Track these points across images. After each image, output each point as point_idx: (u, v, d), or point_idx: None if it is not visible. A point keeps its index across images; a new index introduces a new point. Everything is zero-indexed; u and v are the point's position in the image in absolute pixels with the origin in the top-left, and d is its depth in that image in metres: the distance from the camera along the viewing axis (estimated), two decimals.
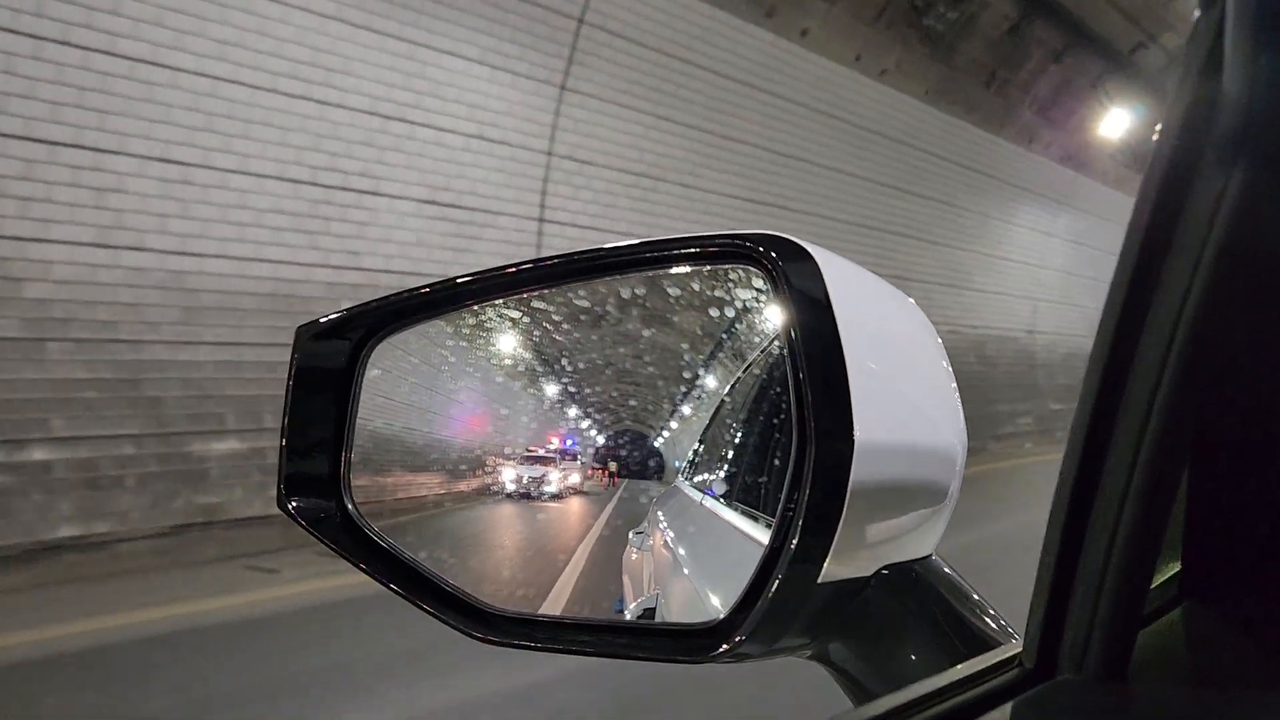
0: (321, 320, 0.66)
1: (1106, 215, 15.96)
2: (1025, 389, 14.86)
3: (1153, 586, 0.45)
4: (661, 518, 0.65)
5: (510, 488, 0.66)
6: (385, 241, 6.74)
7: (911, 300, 0.59)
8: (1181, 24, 13.09)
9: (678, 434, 0.64)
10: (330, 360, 0.66)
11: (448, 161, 7.03)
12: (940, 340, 0.59)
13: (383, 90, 6.56)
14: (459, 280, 0.65)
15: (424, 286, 0.66)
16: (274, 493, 0.63)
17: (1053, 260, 15.84)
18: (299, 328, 0.66)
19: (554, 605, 0.64)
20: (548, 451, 0.66)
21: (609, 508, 0.65)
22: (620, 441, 0.64)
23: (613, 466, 0.64)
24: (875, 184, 11.21)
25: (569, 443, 0.65)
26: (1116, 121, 14.82)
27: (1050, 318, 16.00)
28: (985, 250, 13.96)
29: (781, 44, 9.24)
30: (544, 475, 0.66)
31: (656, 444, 0.64)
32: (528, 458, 0.66)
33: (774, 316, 0.55)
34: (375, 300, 0.66)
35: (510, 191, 7.44)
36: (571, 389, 0.66)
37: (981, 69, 12.00)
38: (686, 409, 0.64)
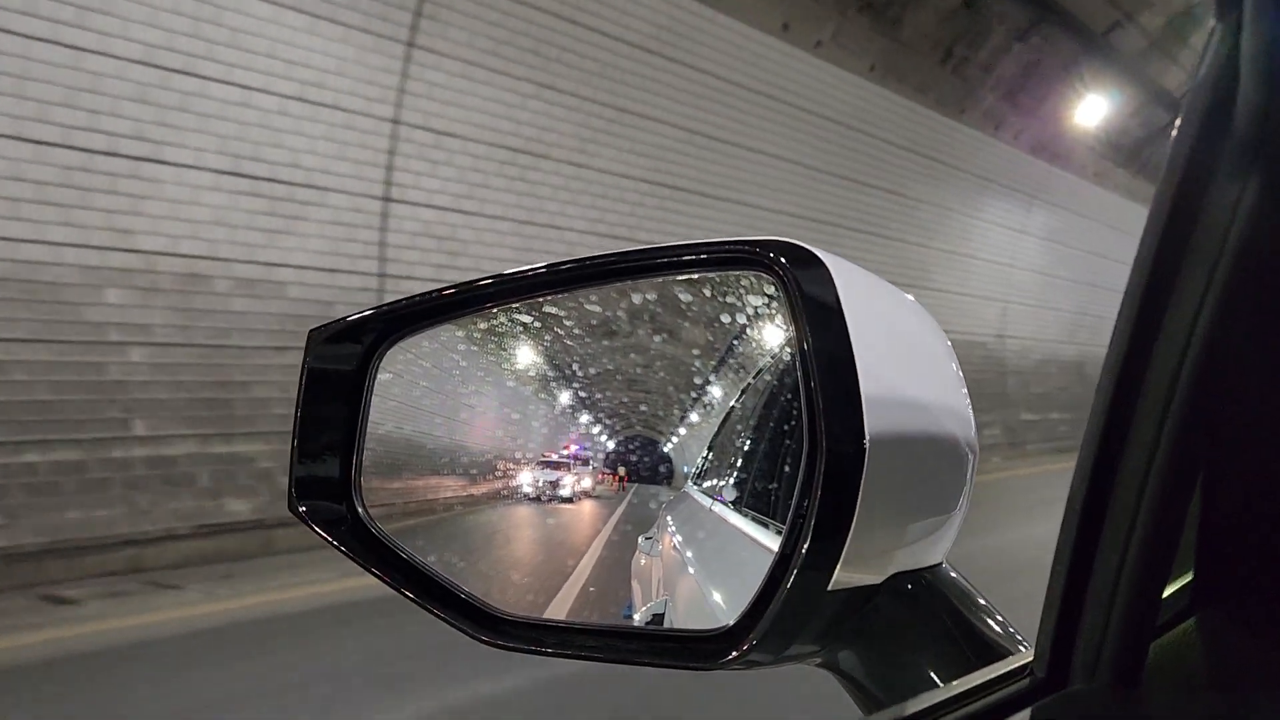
0: (334, 323, 0.66)
1: (1084, 211, 14.84)
2: (993, 398, 13.91)
3: (1165, 595, 0.46)
4: (671, 523, 0.65)
5: (527, 490, 0.67)
6: (170, 219, 5.69)
7: (923, 307, 0.60)
8: (1161, 2, 12.03)
9: (687, 439, 0.65)
10: (342, 363, 0.66)
11: (258, 126, 5.96)
12: (952, 347, 0.59)
13: (161, 36, 5.48)
14: (471, 285, 0.65)
15: (435, 291, 0.66)
16: None
17: (1025, 259, 14.58)
18: (311, 330, 0.66)
19: (565, 601, 0.64)
20: (561, 457, 0.66)
21: (618, 511, 0.65)
22: (630, 446, 0.64)
23: (622, 471, 0.64)
24: (815, 170, 10.15)
25: (580, 448, 0.65)
26: (1093, 108, 13.38)
27: (1023, 321, 14.95)
28: (947, 247, 12.77)
29: (690, 6, 8.19)
30: (559, 479, 0.66)
31: (666, 449, 0.65)
32: (543, 463, 0.66)
33: (785, 323, 0.56)
34: (387, 304, 0.67)
35: (344, 165, 6.43)
36: (582, 394, 0.66)
37: (935, 45, 10.80)
38: (696, 415, 0.65)
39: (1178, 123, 0.41)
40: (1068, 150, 14.09)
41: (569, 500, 0.66)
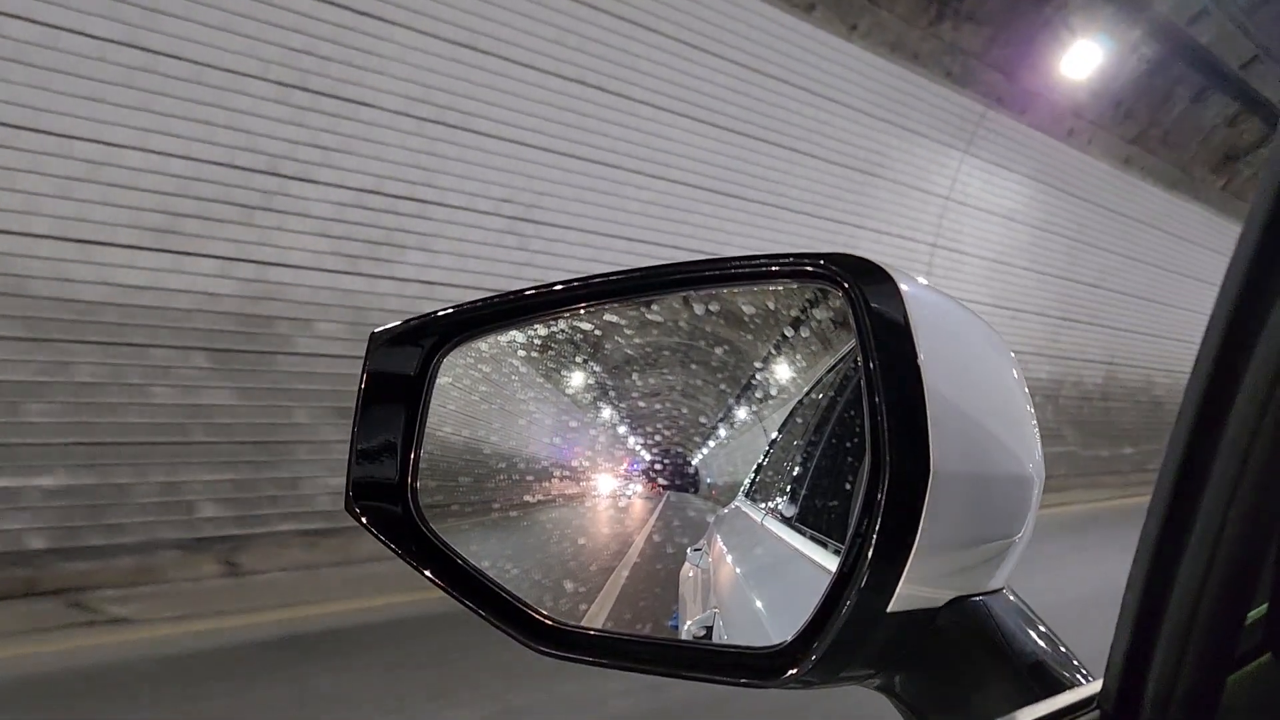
0: (395, 327, 0.67)
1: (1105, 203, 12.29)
2: None
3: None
4: (720, 536, 0.65)
5: (588, 497, 0.68)
6: None
7: (993, 328, 0.60)
8: None
9: (738, 450, 0.64)
10: (402, 366, 0.67)
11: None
12: (1020, 370, 0.59)
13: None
14: (532, 291, 0.66)
15: (497, 296, 0.66)
16: None
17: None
18: (373, 333, 0.66)
19: (623, 571, 0.66)
20: (624, 471, 0.67)
21: (654, 514, 0.67)
22: (681, 459, 0.65)
23: (668, 481, 0.65)
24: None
25: (633, 464, 0.66)
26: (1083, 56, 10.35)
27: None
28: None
29: None
30: (618, 488, 0.67)
31: (716, 461, 0.65)
32: (607, 473, 0.68)
33: (849, 338, 0.55)
34: (449, 309, 0.67)
35: None
36: (641, 404, 0.66)
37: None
38: (751, 427, 0.64)
39: None
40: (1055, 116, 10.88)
41: (622, 504, 0.67)
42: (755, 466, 0.65)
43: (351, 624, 4.51)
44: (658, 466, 0.65)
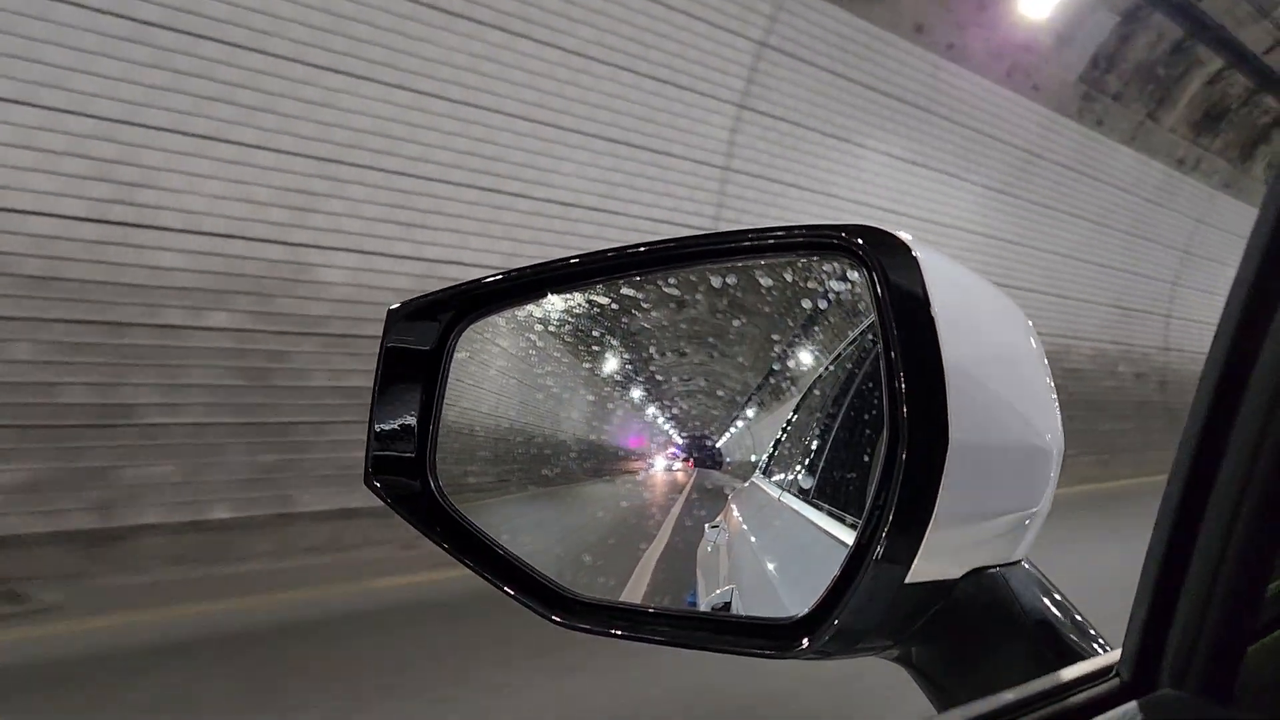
0: (412, 302, 0.67)
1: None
2: None
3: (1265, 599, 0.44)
4: (738, 512, 0.65)
5: (623, 468, 0.68)
6: None
7: (1012, 299, 0.59)
8: None
9: (756, 426, 0.64)
10: (420, 341, 0.67)
11: None
12: (1040, 342, 0.58)
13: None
14: (549, 265, 0.66)
15: (514, 271, 0.66)
16: None
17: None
18: (390, 309, 0.66)
19: (662, 538, 0.66)
20: (647, 445, 0.67)
21: (684, 491, 0.67)
22: (703, 434, 0.65)
23: (685, 456, 0.65)
24: None
25: (654, 439, 0.66)
26: None
27: None
28: None
29: None
30: (639, 464, 0.67)
31: (733, 435, 0.65)
32: (639, 449, 0.68)
33: (868, 311, 0.55)
34: (466, 283, 0.67)
35: None
36: (659, 377, 0.66)
37: None
38: (770, 402, 0.64)
39: None
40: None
41: (640, 478, 0.67)
42: (773, 441, 0.65)
43: None
44: (676, 441, 0.65)
